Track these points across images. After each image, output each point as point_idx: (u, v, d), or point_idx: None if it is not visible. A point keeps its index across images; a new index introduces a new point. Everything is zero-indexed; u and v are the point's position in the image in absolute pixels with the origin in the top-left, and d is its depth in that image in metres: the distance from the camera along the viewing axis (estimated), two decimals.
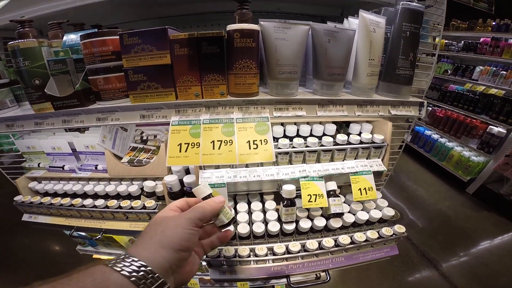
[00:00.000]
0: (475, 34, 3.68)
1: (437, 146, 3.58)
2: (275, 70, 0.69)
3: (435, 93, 3.84)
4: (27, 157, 1.15)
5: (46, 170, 1.11)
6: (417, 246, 2.55)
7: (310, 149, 0.92)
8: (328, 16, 1.41)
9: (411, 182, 3.42)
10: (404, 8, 0.81)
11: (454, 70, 3.83)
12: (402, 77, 0.84)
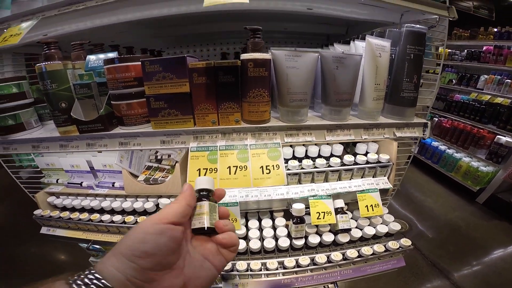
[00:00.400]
0: (477, 43, 3.69)
1: (444, 157, 3.57)
2: (286, 98, 0.74)
3: (441, 104, 3.84)
4: (46, 173, 1.21)
5: (64, 186, 1.17)
6: (427, 256, 2.54)
7: (318, 170, 0.97)
8: (334, 34, 1.47)
9: (420, 193, 3.41)
10: (408, 31, 0.86)
11: (459, 80, 3.83)
12: (406, 100, 0.88)
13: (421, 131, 0.94)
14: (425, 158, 3.84)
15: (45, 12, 0.80)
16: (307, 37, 1.48)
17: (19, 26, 0.77)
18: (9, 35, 0.75)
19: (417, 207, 3.19)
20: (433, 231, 2.82)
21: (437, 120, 3.82)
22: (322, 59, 0.76)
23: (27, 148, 0.88)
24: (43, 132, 0.89)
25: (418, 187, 3.61)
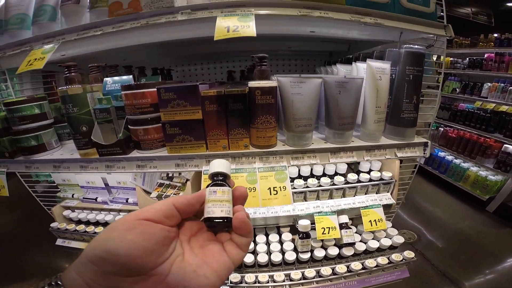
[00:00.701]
0: (478, 50, 3.70)
1: (452, 167, 3.57)
2: (292, 124, 0.80)
3: (446, 113, 3.85)
4: (62, 188, 1.29)
5: (79, 201, 1.24)
6: (437, 266, 2.53)
7: (323, 188, 1.02)
8: (336, 51, 1.54)
9: (428, 204, 3.41)
10: (407, 52, 0.91)
11: (463, 88, 3.84)
12: (406, 120, 0.93)
13: (421, 150, 0.99)
14: (432, 168, 3.84)
15: (65, 35, 0.87)
16: (310, 54, 1.54)
17: (42, 50, 0.84)
18: (33, 58, 0.82)
19: (425, 217, 3.19)
20: (443, 240, 2.82)
21: (442, 130, 3.82)
22: (325, 84, 0.82)
23: (48, 168, 0.95)
24: (64, 153, 0.96)
25: (426, 197, 3.60)
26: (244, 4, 0.78)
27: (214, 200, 0.41)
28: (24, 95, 1.27)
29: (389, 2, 0.92)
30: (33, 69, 0.81)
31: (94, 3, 0.87)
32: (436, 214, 3.23)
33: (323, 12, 0.82)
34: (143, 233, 0.33)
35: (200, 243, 0.39)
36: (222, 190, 0.42)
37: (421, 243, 2.84)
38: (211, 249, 0.39)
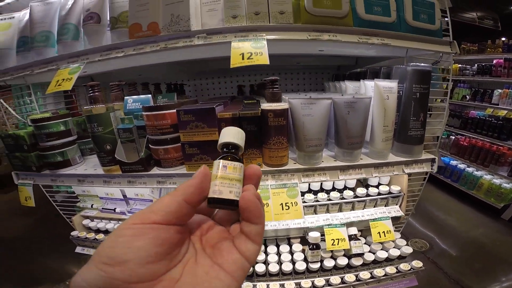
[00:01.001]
0: (487, 56, 3.68)
1: (464, 175, 3.55)
2: (303, 144, 0.86)
3: (456, 121, 3.82)
4: (82, 198, 1.38)
5: (98, 211, 1.32)
6: (450, 275, 2.53)
7: (332, 202, 1.08)
8: (344, 65, 1.59)
9: (441, 212, 3.40)
10: (413, 70, 0.96)
11: (473, 95, 3.80)
12: (413, 138, 0.98)
13: (429, 166, 1.03)
14: (444, 177, 3.82)
15: (88, 55, 0.94)
16: (318, 68, 1.60)
17: (69, 70, 0.91)
18: (61, 79, 0.89)
19: (438, 226, 3.18)
20: (457, 249, 2.81)
21: (454, 138, 3.80)
22: (334, 105, 0.88)
23: (73, 182, 1.03)
24: (87, 168, 1.04)
25: (439, 206, 3.59)
26: (256, 29, 0.85)
27: (223, 177, 0.36)
28: (48, 110, 1.37)
29: (395, 21, 0.98)
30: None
31: (115, 23, 0.95)
32: (449, 223, 3.22)
33: (331, 35, 0.88)
34: (154, 239, 0.30)
35: (211, 243, 0.36)
36: (234, 166, 0.37)
37: (434, 252, 2.84)
38: (221, 248, 0.35)
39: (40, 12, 1.05)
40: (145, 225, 0.31)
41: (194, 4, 0.89)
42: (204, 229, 0.38)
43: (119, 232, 0.30)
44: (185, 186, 0.34)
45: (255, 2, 0.87)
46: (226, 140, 0.40)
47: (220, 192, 0.35)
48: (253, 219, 0.35)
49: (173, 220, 0.32)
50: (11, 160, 1.12)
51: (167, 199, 0.33)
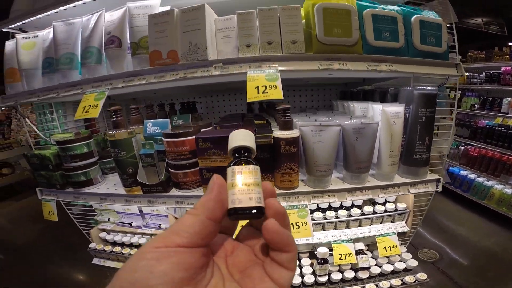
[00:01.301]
0: (494, 64, 3.67)
1: (475, 185, 3.56)
2: (313, 169, 0.93)
3: (466, 131, 3.81)
4: (99, 212, 1.47)
5: (115, 224, 1.41)
6: (460, 284, 2.55)
7: (340, 220, 1.15)
8: (352, 82, 1.65)
9: (451, 222, 3.41)
10: (419, 94, 1.02)
11: (481, 104, 3.80)
12: (419, 161, 1.04)
13: (434, 186, 1.10)
14: (454, 187, 3.83)
15: (112, 81, 1.01)
16: (326, 85, 1.67)
17: (94, 96, 0.97)
18: (87, 105, 0.96)
19: (448, 235, 3.19)
20: (468, 258, 2.82)
21: (463, 149, 3.81)
22: (343, 131, 0.94)
23: (95, 200, 1.11)
24: (109, 187, 1.12)
25: (449, 216, 3.58)
26: (269, 59, 0.92)
27: (240, 184, 0.33)
28: (68, 127, 1.46)
29: (403, 46, 1.04)
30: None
31: (136, 49, 1.02)
32: (459, 232, 3.24)
33: (342, 63, 0.94)
34: (178, 263, 0.28)
35: (239, 267, 0.34)
36: (249, 170, 0.34)
37: (444, 262, 2.86)
38: (252, 274, 0.33)
39: (63, 32, 1.12)
40: (169, 248, 0.29)
41: (210, 31, 0.95)
42: (228, 249, 0.36)
43: (141, 255, 0.29)
44: (204, 202, 0.33)
45: (268, 31, 0.94)
46: (237, 144, 0.38)
47: (239, 201, 0.32)
48: (283, 249, 0.32)
49: (198, 241, 0.31)
50: (36, 177, 1.21)
51: (189, 219, 0.31)
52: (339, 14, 0.95)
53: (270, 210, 0.34)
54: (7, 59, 1.23)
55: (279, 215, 0.33)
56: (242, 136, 0.39)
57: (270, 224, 0.31)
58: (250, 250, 0.36)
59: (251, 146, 0.39)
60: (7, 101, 1.18)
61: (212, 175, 0.35)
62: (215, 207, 0.32)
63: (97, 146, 1.23)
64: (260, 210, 0.33)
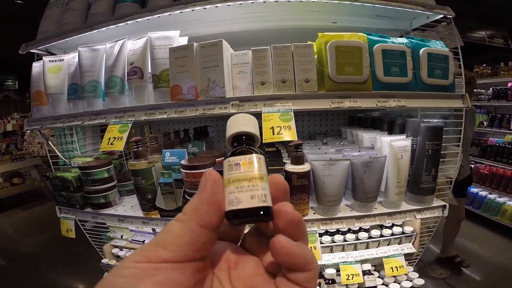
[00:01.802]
0: (501, 80, 3.76)
1: (486, 202, 3.63)
2: (323, 199, 1.02)
3: (475, 149, 3.88)
4: (112, 229, 1.58)
5: (127, 241, 1.52)
6: None
7: (348, 243, 1.25)
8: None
9: (462, 239, 3.45)
10: (426, 127, 1.10)
11: (490, 121, 3.88)
12: (425, 190, 1.13)
13: (440, 211, 1.19)
14: (465, 204, 3.89)
15: (135, 112, 1.11)
16: (335, 110, 1.76)
17: (118, 128, 1.06)
18: (112, 136, 1.05)
19: (460, 251, 3.24)
20: (481, 274, 2.88)
21: (473, 167, 3.86)
22: (352, 165, 1.03)
23: (113, 221, 1.22)
24: (126, 209, 1.22)
25: (460, 232, 3.63)
26: (283, 97, 1.02)
27: (238, 179, 0.28)
28: (87, 150, 1.58)
29: (411, 81, 1.13)
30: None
31: (157, 82, 1.12)
32: (471, 249, 3.31)
33: (352, 101, 1.04)
34: (163, 283, 0.23)
35: (245, 283, 0.28)
36: (249, 161, 0.29)
37: (454, 278, 2.94)
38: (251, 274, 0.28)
39: (88, 59, 1.22)
40: (152, 264, 0.24)
41: (227, 66, 1.05)
42: (231, 260, 0.30)
43: (119, 271, 0.24)
44: (194, 204, 0.27)
45: (282, 69, 1.04)
46: (235, 131, 0.33)
47: (238, 201, 0.27)
48: (299, 269, 0.26)
49: (189, 254, 0.25)
50: (57, 197, 1.33)
51: (176, 228, 0.26)
52: (350, 52, 1.04)
53: (281, 219, 0.27)
54: (34, 81, 1.33)
55: (293, 224, 0.27)
56: (242, 121, 0.34)
57: (280, 244, 0.25)
58: (258, 262, 0.30)
59: (253, 132, 0.33)
60: (33, 124, 1.28)
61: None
62: (209, 210, 0.26)
63: (114, 169, 1.34)
64: (266, 212, 0.27)
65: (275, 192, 0.29)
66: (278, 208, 0.27)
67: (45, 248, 3.57)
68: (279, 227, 0.27)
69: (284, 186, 0.31)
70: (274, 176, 0.30)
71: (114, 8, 1.31)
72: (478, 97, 4.13)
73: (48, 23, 1.41)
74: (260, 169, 0.29)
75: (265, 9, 1.24)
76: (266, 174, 0.29)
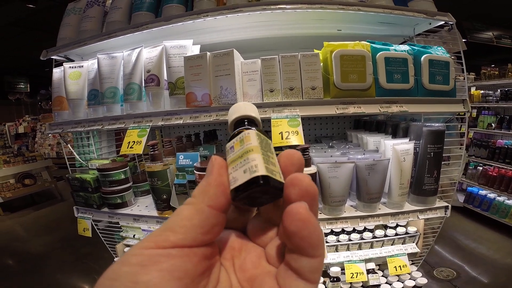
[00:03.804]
0: (509, 81, 3.78)
1: (495, 205, 3.66)
2: (328, 200, 1.10)
3: (483, 151, 3.92)
4: (124, 229, 1.67)
5: (139, 241, 1.61)
6: None
7: (353, 242, 1.33)
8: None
9: (470, 241, 3.48)
10: (428, 131, 1.17)
11: (499, 123, 3.91)
12: (428, 191, 1.20)
13: (443, 212, 1.26)
14: (473, 206, 3.94)
15: (152, 118, 1.20)
16: (341, 114, 1.84)
17: (137, 132, 1.15)
18: (131, 140, 1.15)
19: (467, 254, 3.26)
20: (488, 276, 2.91)
21: (481, 169, 3.92)
22: (356, 167, 1.11)
23: (129, 220, 1.32)
24: (141, 209, 1.32)
25: (468, 234, 3.67)
26: (290, 104, 1.10)
27: (233, 160, 0.29)
28: (102, 153, 1.68)
29: (413, 87, 1.20)
30: None
31: (173, 89, 1.21)
32: (479, 251, 3.34)
33: (356, 107, 1.12)
34: (169, 271, 0.23)
35: (247, 273, 0.28)
36: (240, 139, 0.30)
37: (461, 280, 2.97)
38: (263, 285, 0.26)
39: (106, 66, 1.32)
40: (159, 250, 0.24)
41: (238, 74, 1.13)
42: (235, 248, 0.30)
43: (126, 259, 0.24)
44: (203, 187, 0.28)
45: (290, 78, 1.13)
46: (236, 115, 0.34)
47: (235, 180, 0.27)
48: (307, 249, 0.24)
49: (199, 237, 0.25)
50: (75, 197, 1.43)
51: (185, 211, 0.26)
52: (354, 60, 1.12)
53: (294, 188, 0.25)
54: (55, 87, 1.44)
55: (308, 196, 0.25)
56: (242, 107, 0.35)
57: (296, 208, 0.24)
58: (261, 252, 0.29)
59: (254, 116, 0.34)
60: (54, 128, 1.39)
61: None
62: (216, 192, 0.27)
63: (130, 171, 1.44)
64: (257, 181, 0.25)
65: (287, 166, 0.29)
66: (294, 176, 0.26)
67: (53, 247, 3.70)
68: (291, 197, 0.25)
69: (297, 158, 0.29)
70: (287, 150, 0.30)
71: (129, 16, 1.41)
72: (486, 98, 4.17)
73: (67, 30, 1.52)
74: (249, 142, 0.29)
75: (272, 18, 1.34)
76: (257, 145, 0.28)
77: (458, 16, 1.39)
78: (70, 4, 1.59)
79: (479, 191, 3.90)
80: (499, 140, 3.87)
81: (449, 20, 1.34)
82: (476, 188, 3.95)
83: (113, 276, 0.23)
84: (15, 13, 4.44)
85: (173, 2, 1.32)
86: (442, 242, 3.37)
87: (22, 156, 4.82)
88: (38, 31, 5.36)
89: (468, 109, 1.26)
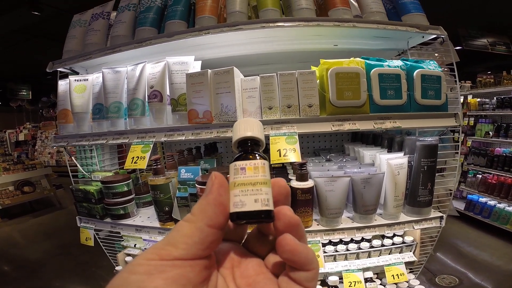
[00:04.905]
0: (505, 88, 3.85)
1: (495, 211, 3.74)
2: (325, 212, 1.16)
3: (482, 160, 4.00)
4: (125, 238, 1.74)
5: (140, 250, 1.68)
6: None
7: (350, 252, 1.40)
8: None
9: (472, 248, 3.54)
10: (421, 145, 1.24)
11: (496, 131, 3.99)
12: (422, 202, 1.26)
13: (438, 222, 1.32)
14: (473, 214, 4.02)
15: (155, 133, 1.26)
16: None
17: (141, 148, 1.21)
18: (135, 156, 1.19)
19: (470, 261, 3.30)
20: (491, 282, 2.97)
21: (481, 177, 4.00)
22: (352, 181, 1.17)
23: (131, 230, 1.38)
24: (144, 220, 1.38)
25: (469, 241, 3.74)
26: (288, 121, 1.16)
27: (243, 183, 0.32)
28: (105, 165, 1.75)
29: (406, 102, 1.26)
30: None
31: (176, 105, 1.27)
32: (481, 257, 3.38)
33: (351, 123, 1.17)
34: (174, 280, 0.27)
35: (247, 280, 0.32)
36: (255, 166, 0.33)
37: (464, 287, 3.03)
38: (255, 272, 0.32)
39: (111, 80, 1.36)
40: (163, 262, 0.27)
41: (238, 91, 1.19)
42: (235, 259, 0.33)
43: (132, 268, 0.27)
44: (202, 206, 0.30)
45: (287, 95, 1.18)
46: (241, 136, 0.36)
47: (242, 204, 0.30)
48: (301, 267, 0.30)
49: (199, 253, 0.29)
50: (78, 208, 1.50)
51: (185, 228, 0.29)
52: (349, 78, 1.18)
53: (280, 221, 0.31)
54: (60, 99, 1.49)
55: (293, 227, 0.31)
56: (248, 126, 0.37)
57: (286, 241, 0.29)
58: (260, 262, 0.33)
59: (259, 137, 0.36)
60: (59, 141, 1.44)
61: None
62: (216, 212, 0.30)
63: (132, 183, 1.51)
64: (268, 215, 0.31)
65: (277, 196, 0.33)
66: (278, 210, 0.31)
67: (51, 255, 3.75)
68: (278, 228, 0.31)
69: (286, 190, 0.35)
70: (277, 180, 0.35)
71: (133, 30, 1.46)
72: (482, 106, 4.23)
73: (72, 42, 1.57)
74: (264, 174, 0.32)
75: (270, 34, 1.39)
76: (269, 179, 0.33)
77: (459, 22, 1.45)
78: (75, 16, 1.64)
79: (479, 198, 3.96)
80: (497, 148, 3.95)
81: (441, 34, 1.40)
82: (476, 195, 4.02)
83: (122, 283, 0.26)
84: (19, 20, 4.52)
85: (175, 18, 1.37)
86: (444, 250, 3.42)
87: (22, 164, 4.92)
88: (42, 38, 5.45)
89: (460, 123, 1.31)
